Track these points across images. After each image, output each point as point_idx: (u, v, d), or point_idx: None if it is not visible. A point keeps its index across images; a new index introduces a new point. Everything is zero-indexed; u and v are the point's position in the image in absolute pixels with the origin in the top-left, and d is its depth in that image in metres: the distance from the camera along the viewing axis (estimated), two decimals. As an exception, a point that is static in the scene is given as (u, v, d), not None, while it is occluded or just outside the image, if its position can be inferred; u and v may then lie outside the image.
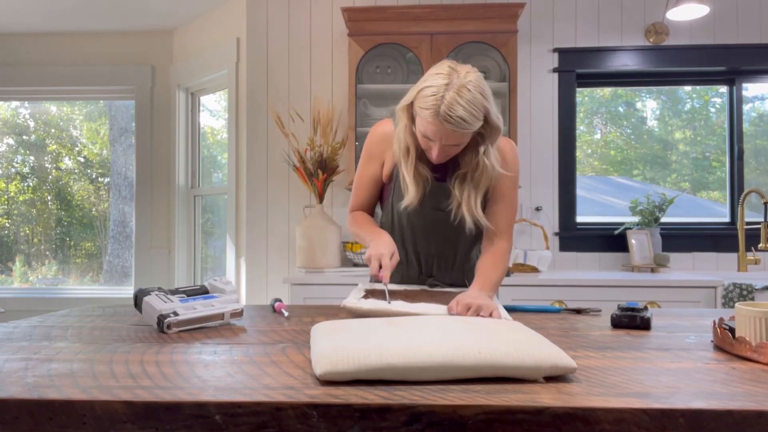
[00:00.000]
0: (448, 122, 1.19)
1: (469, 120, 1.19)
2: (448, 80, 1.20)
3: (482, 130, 1.28)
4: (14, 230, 3.91)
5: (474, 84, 1.21)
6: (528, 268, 2.77)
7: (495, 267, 1.35)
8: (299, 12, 3.15)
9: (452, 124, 1.19)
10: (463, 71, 1.22)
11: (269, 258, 3.15)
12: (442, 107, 1.19)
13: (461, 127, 1.20)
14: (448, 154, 1.30)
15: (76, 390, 0.67)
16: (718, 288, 2.39)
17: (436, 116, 1.20)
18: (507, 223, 1.41)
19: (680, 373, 0.76)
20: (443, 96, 1.19)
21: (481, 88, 1.22)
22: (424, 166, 1.38)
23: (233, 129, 3.26)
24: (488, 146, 1.31)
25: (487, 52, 2.94)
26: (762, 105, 3.16)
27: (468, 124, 1.20)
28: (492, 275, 1.33)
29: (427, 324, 0.88)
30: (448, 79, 1.20)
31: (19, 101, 3.91)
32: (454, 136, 1.23)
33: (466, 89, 1.19)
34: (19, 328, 1.11)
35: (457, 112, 1.18)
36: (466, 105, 1.18)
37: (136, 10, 3.38)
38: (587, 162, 3.32)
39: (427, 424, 0.62)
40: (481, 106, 1.21)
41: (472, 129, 1.22)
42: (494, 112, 1.26)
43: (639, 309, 1.11)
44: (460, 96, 1.18)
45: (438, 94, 1.19)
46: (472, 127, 1.22)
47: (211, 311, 1.10)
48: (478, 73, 1.25)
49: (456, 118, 1.18)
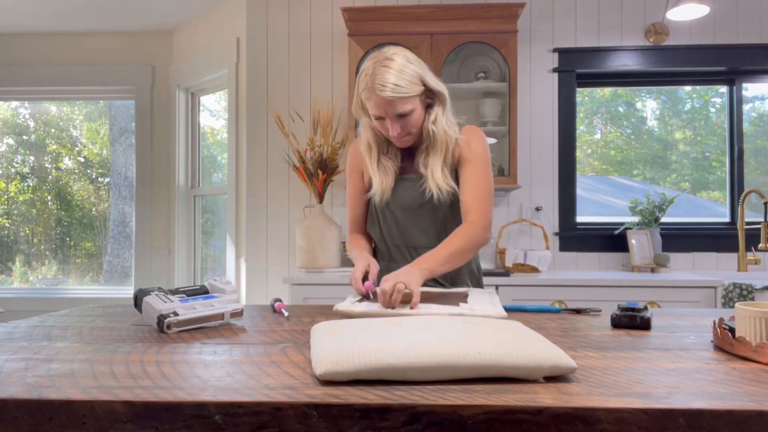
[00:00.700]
0: (382, 91, 1.27)
1: (401, 83, 1.27)
2: (374, 60, 1.31)
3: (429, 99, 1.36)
4: (14, 230, 3.91)
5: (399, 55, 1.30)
6: (528, 268, 2.77)
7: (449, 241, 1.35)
8: (299, 12, 3.15)
9: (386, 92, 1.27)
10: (387, 50, 1.33)
11: (269, 258, 3.15)
12: (374, 82, 1.28)
13: (397, 92, 1.27)
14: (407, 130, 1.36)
15: (76, 390, 0.67)
16: (718, 288, 2.39)
17: (372, 91, 1.28)
18: (476, 199, 1.42)
19: (680, 373, 0.76)
20: (372, 72, 1.29)
21: (406, 57, 1.31)
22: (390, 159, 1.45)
23: (233, 129, 3.26)
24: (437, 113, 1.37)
25: (487, 52, 2.94)
26: (762, 105, 3.16)
27: (402, 88, 1.27)
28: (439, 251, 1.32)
29: (427, 324, 0.88)
30: (373, 60, 1.32)
31: (19, 101, 3.91)
32: (396, 104, 1.29)
33: (390, 59, 1.29)
34: (19, 328, 1.11)
35: (388, 79, 1.27)
36: (394, 72, 1.27)
37: (136, 10, 3.38)
38: (587, 162, 3.32)
39: (427, 424, 0.62)
40: (411, 70, 1.30)
41: (409, 93, 1.29)
42: (431, 77, 1.34)
43: (639, 309, 1.11)
44: (387, 67, 1.28)
45: (367, 72, 1.30)
46: (408, 90, 1.28)
47: (211, 311, 1.10)
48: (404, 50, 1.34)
49: (388, 84, 1.26)
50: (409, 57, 1.32)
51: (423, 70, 1.33)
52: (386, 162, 1.44)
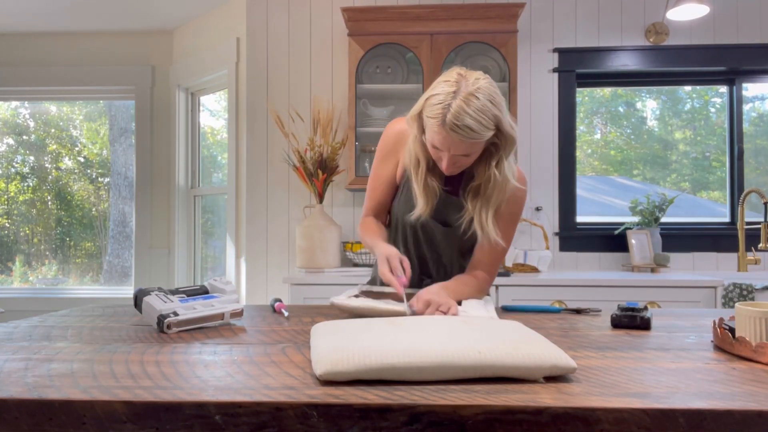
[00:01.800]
0: (454, 131, 1.15)
1: (476, 129, 1.15)
2: (456, 87, 1.16)
3: (495, 140, 1.23)
4: (14, 230, 3.91)
5: (483, 91, 1.16)
6: (528, 268, 2.76)
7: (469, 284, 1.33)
8: (299, 12, 3.15)
9: (459, 134, 1.15)
10: (472, 78, 1.18)
11: (269, 258, 3.15)
12: (448, 116, 1.14)
13: (469, 137, 1.15)
14: (460, 165, 1.26)
15: (76, 390, 0.67)
16: (718, 288, 2.39)
17: (442, 125, 1.16)
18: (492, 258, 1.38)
19: (680, 373, 0.76)
20: (450, 104, 1.15)
21: (491, 96, 1.17)
22: (435, 178, 1.33)
23: (233, 129, 3.26)
24: (501, 157, 1.26)
25: (487, 52, 2.94)
26: (762, 105, 3.16)
27: (476, 133, 1.15)
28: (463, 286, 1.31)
29: (427, 324, 0.88)
30: (455, 86, 1.16)
31: (19, 101, 3.91)
32: (463, 145, 1.18)
33: (474, 97, 1.14)
34: (19, 328, 1.11)
35: (464, 121, 1.13)
36: (473, 113, 1.14)
37: (136, 10, 3.38)
38: (587, 162, 3.32)
39: (427, 424, 0.62)
40: (491, 114, 1.16)
41: (482, 138, 1.17)
42: (507, 121, 1.20)
43: (639, 309, 1.11)
44: (468, 104, 1.14)
45: (444, 102, 1.15)
46: (481, 136, 1.17)
47: (211, 311, 1.10)
48: (488, 80, 1.20)
49: (463, 127, 1.14)
50: (493, 94, 1.18)
51: (501, 110, 1.19)
52: (432, 182, 1.33)
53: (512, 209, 1.36)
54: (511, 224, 1.38)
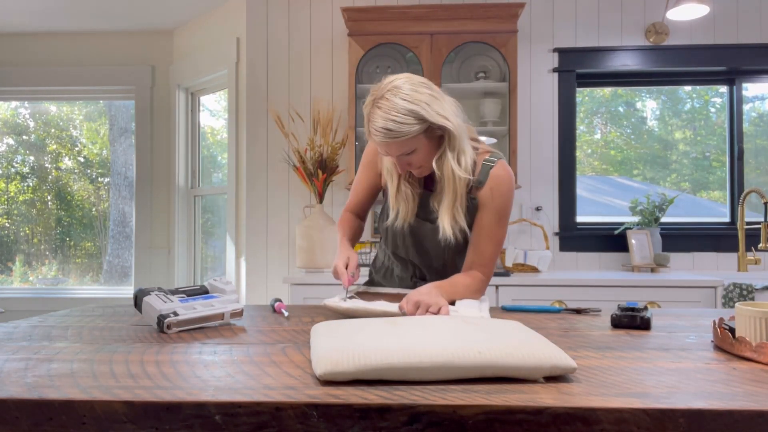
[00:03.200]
0: (377, 136, 1.20)
1: (393, 128, 1.17)
2: (373, 96, 1.22)
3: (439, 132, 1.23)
4: (14, 230, 3.91)
5: (397, 91, 1.18)
6: (528, 268, 2.76)
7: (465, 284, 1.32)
8: (299, 12, 3.15)
9: (380, 137, 1.19)
10: (386, 82, 1.22)
11: (269, 258, 3.15)
12: (370, 124, 1.21)
13: (391, 137, 1.18)
14: (416, 165, 1.28)
15: (76, 390, 0.67)
16: (718, 288, 2.39)
17: (370, 134, 1.22)
18: (484, 253, 1.35)
19: (680, 373, 0.76)
20: (369, 113, 1.21)
21: (405, 93, 1.18)
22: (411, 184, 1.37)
23: (233, 129, 3.26)
24: (445, 150, 1.26)
25: (487, 52, 2.94)
26: (762, 105, 3.16)
27: (395, 132, 1.17)
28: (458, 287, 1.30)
29: (427, 324, 0.88)
30: (373, 95, 1.22)
31: (19, 101, 3.91)
32: (395, 145, 1.21)
33: (385, 99, 1.18)
34: (19, 328, 1.11)
35: (381, 124, 1.18)
36: (386, 114, 1.17)
37: (136, 10, 3.38)
38: (587, 162, 3.32)
39: (427, 424, 0.62)
40: (405, 110, 1.17)
41: (406, 135, 1.18)
42: (433, 112, 1.19)
43: (639, 309, 1.11)
44: (380, 107, 1.19)
45: (366, 112, 1.22)
46: (403, 133, 1.18)
47: (211, 311, 1.10)
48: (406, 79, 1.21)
49: (381, 129, 1.18)
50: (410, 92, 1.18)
51: (421, 104, 1.18)
52: (406, 189, 1.35)
53: (496, 204, 1.33)
54: (500, 220, 1.35)
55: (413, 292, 1.19)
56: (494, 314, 1.29)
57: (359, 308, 1.16)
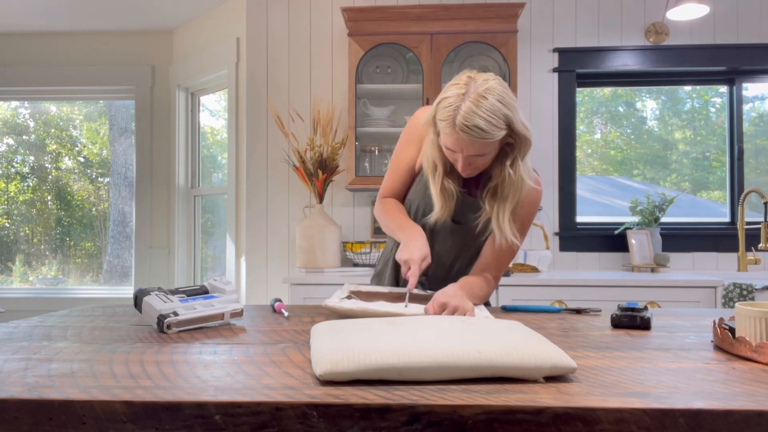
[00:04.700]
0: (464, 132, 1.17)
1: (486, 129, 1.16)
2: (465, 90, 1.19)
3: (510, 140, 1.24)
4: (14, 230, 3.91)
5: (493, 92, 1.18)
6: (528, 268, 2.76)
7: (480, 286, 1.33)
8: (299, 12, 3.15)
9: (469, 134, 1.17)
10: (480, 79, 1.20)
11: (269, 258, 3.15)
12: (458, 117, 1.17)
13: (479, 137, 1.17)
14: (475, 166, 1.27)
15: (76, 390, 0.67)
16: (718, 288, 2.39)
17: (453, 127, 1.18)
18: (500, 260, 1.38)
19: (680, 373, 0.76)
20: (459, 106, 1.17)
21: (500, 96, 1.18)
22: (452, 181, 1.35)
23: (233, 129, 3.26)
24: (516, 157, 1.27)
25: (487, 52, 2.94)
26: (762, 105, 3.16)
27: (486, 133, 1.17)
28: (475, 289, 1.31)
29: (427, 324, 0.88)
30: (465, 88, 1.19)
31: (19, 101, 3.91)
32: (474, 146, 1.20)
33: (483, 97, 1.17)
34: (19, 328, 1.11)
35: (473, 121, 1.16)
36: (482, 113, 1.16)
37: (136, 10, 3.38)
38: (587, 162, 3.32)
39: (427, 424, 0.62)
40: (501, 114, 1.17)
41: (493, 138, 1.18)
42: (519, 120, 1.21)
43: (639, 309, 1.11)
44: (477, 105, 1.16)
45: (454, 104, 1.18)
46: (492, 136, 1.18)
47: (211, 311, 1.10)
48: (498, 81, 1.21)
49: (473, 127, 1.16)
50: (503, 94, 1.19)
51: (513, 111, 1.20)
52: (449, 185, 1.34)
53: (528, 210, 1.37)
54: (522, 230, 1.38)
55: (439, 293, 1.18)
56: (494, 314, 1.29)
57: (359, 308, 1.16)
